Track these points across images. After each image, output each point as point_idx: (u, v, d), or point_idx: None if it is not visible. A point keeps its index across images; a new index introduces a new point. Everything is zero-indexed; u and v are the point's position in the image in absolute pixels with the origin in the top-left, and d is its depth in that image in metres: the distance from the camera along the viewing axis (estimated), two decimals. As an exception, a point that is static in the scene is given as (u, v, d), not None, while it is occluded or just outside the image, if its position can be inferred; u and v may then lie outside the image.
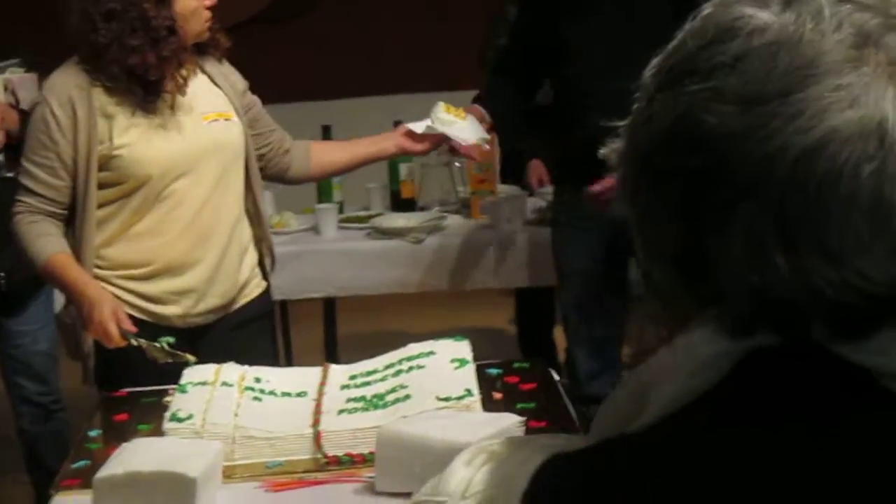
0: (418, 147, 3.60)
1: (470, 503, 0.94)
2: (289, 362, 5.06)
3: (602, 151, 0.96)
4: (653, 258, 0.92)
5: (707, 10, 0.91)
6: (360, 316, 5.75)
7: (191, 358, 3.04)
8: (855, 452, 0.86)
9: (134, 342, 3.07)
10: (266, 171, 3.53)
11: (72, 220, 3.23)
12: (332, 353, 5.06)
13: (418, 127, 3.57)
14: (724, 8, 0.89)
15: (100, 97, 3.16)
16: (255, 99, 3.47)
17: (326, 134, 4.82)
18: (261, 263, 3.46)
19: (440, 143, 3.64)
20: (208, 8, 3.21)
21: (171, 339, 3.09)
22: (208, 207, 3.25)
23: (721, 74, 0.86)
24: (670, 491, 0.86)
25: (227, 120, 3.32)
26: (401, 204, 4.87)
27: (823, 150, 0.82)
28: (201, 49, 3.31)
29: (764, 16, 0.87)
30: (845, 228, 0.82)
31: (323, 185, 4.77)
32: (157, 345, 3.06)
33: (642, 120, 0.91)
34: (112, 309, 3.09)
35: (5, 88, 3.94)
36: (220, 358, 2.94)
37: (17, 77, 3.98)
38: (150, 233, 3.22)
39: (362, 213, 4.83)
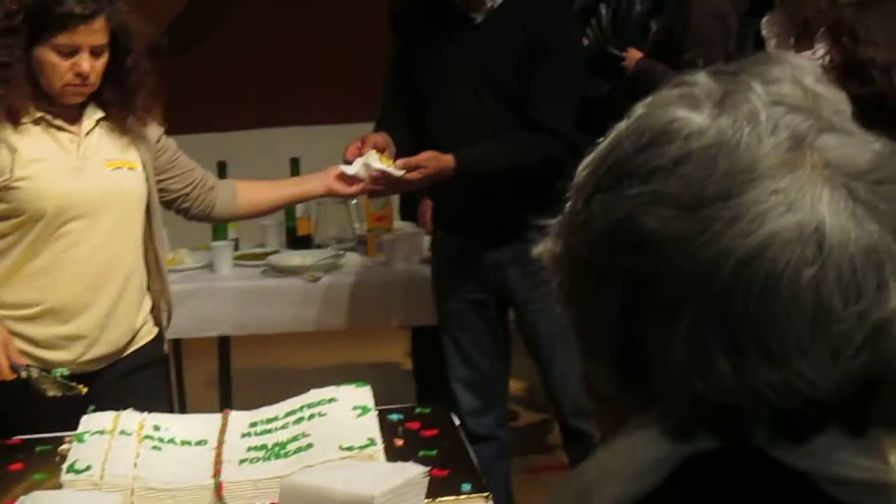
0: (350, 190, 3.61)
1: None
2: (182, 401, 5.01)
3: (535, 251, 0.95)
4: (591, 359, 0.92)
5: (640, 111, 0.92)
6: (254, 350, 5.71)
7: (83, 389, 3.01)
8: None
9: (23, 374, 3.02)
10: (191, 211, 3.53)
11: None
12: (226, 390, 5.01)
13: (350, 169, 3.57)
14: (657, 109, 0.90)
15: (6, 129, 3.15)
16: (170, 143, 3.46)
17: (222, 171, 4.78)
18: (154, 310, 3.43)
19: (372, 188, 3.66)
20: (77, 75, 3.13)
21: (66, 371, 3.07)
22: (103, 253, 3.21)
23: (660, 178, 0.86)
24: None
25: (130, 169, 3.29)
26: (297, 241, 4.84)
27: (764, 254, 0.83)
28: (104, 104, 3.27)
29: (699, 119, 0.88)
30: (787, 332, 0.83)
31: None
32: (50, 375, 3.03)
33: (579, 221, 0.91)
34: (1, 341, 3.06)
35: None
36: (112, 404, 2.90)
37: None
38: (43, 272, 3.18)
39: (258, 251, 4.80)
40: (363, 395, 2.95)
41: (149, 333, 3.40)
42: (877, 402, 0.85)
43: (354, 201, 4.84)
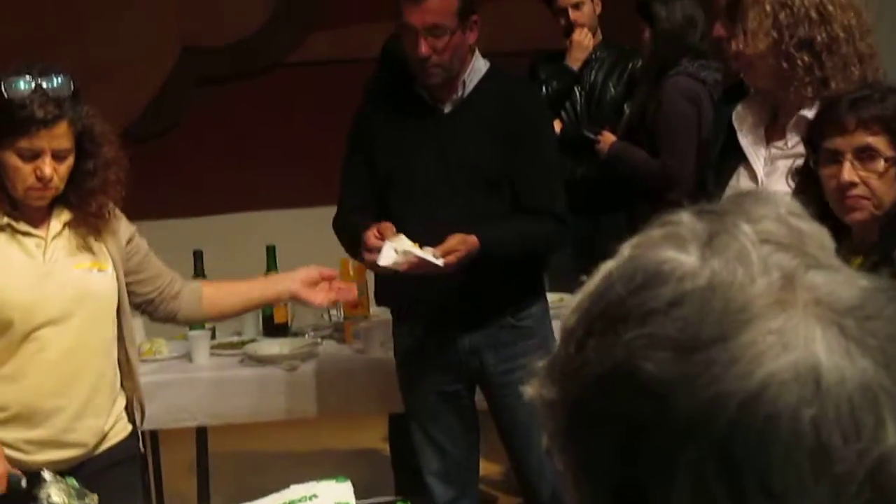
0: (316, 299, 3.55)
1: None
2: (159, 490, 4.95)
3: (527, 394, 0.94)
4: (590, 501, 0.91)
5: (627, 252, 0.92)
6: (231, 436, 5.66)
7: (95, 498, 2.96)
8: None
9: (23, 484, 2.96)
10: (155, 314, 3.51)
11: None
12: (204, 479, 4.96)
13: (384, 259, 3.58)
14: (646, 251, 0.90)
15: None
16: (142, 244, 3.43)
17: (198, 261, 4.77)
18: (127, 407, 3.39)
19: (337, 300, 3.70)
20: (39, 178, 3.07)
21: (74, 481, 2.99)
22: (72, 356, 3.18)
23: (655, 320, 0.86)
24: None
25: (100, 270, 3.25)
26: (274, 329, 4.83)
27: (764, 395, 0.83)
28: (70, 205, 3.22)
29: (689, 260, 0.88)
30: (788, 471, 0.83)
31: (195, 312, 4.72)
32: (64, 485, 2.97)
33: (574, 367, 0.90)
34: None
35: None
36: None
37: None
38: (9, 377, 3.14)
39: (235, 339, 4.78)
40: (344, 490, 2.93)
41: (122, 431, 3.36)
42: None
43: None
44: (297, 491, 2.94)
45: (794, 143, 3.17)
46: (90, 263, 3.24)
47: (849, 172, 2.70)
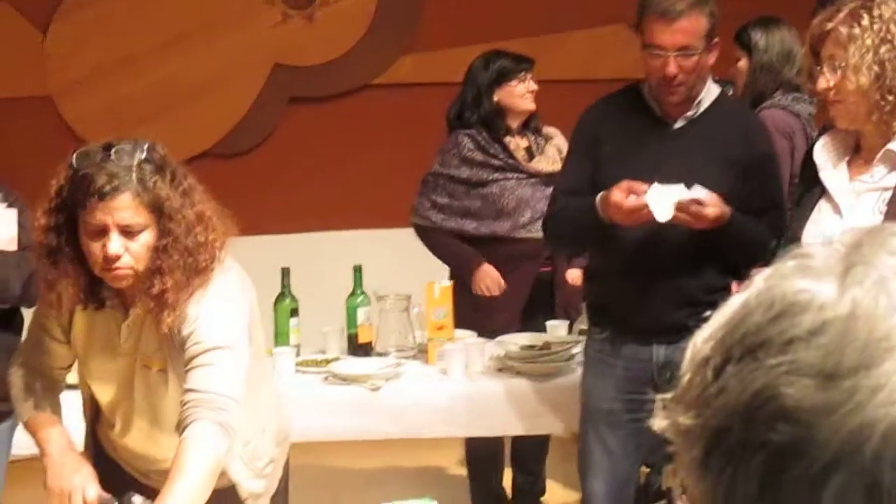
0: None
1: None
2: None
3: (658, 425, 0.93)
4: None
5: (760, 283, 0.91)
6: (305, 451, 5.67)
7: None
8: None
9: None
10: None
11: None
12: (283, 495, 4.97)
13: (661, 214, 3.63)
14: (781, 281, 0.89)
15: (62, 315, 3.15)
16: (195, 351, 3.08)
17: (285, 277, 4.81)
18: None
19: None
20: (107, 258, 2.86)
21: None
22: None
23: (797, 348, 0.85)
24: None
25: (160, 371, 3.07)
26: (358, 348, 4.84)
27: None
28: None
29: (827, 289, 0.87)
30: None
31: (280, 329, 4.73)
32: None
33: (712, 393, 0.89)
34: (83, 477, 3.01)
35: None
36: None
37: None
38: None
39: (319, 357, 4.79)
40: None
41: None
42: None
43: (416, 309, 4.85)
44: (385, 510, 2.94)
45: (880, 175, 3.14)
46: (152, 362, 3.06)
47: None
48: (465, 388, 4.56)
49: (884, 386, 0.82)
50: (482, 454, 5.40)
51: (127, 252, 2.86)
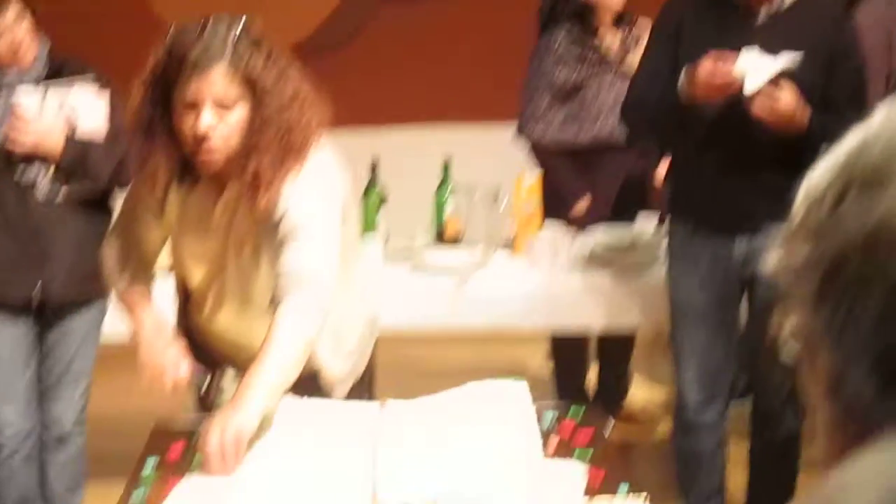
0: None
1: None
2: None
3: (769, 264, 0.94)
4: (845, 366, 0.88)
5: (879, 118, 0.91)
6: (392, 347, 5.71)
7: None
8: None
9: (206, 381, 3.02)
10: None
11: None
12: (369, 383, 5.02)
13: (750, 83, 3.65)
14: None
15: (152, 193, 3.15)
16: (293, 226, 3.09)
17: (374, 171, 4.82)
18: None
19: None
20: (197, 136, 2.83)
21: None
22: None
23: None
24: None
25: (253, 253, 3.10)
26: (446, 240, 4.86)
27: None
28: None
29: None
30: None
31: (369, 219, 4.75)
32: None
33: (831, 224, 0.89)
34: (176, 353, 3.06)
35: (58, 106, 3.94)
36: None
37: (82, 98, 3.96)
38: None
39: (406, 248, 4.81)
40: (520, 390, 2.95)
41: None
42: None
43: (504, 201, 4.85)
44: (472, 388, 2.96)
45: None
46: (247, 239, 3.04)
47: None
48: (552, 280, 4.57)
49: None
50: (567, 350, 5.41)
51: (218, 128, 2.82)
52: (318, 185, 2.94)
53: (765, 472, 4.26)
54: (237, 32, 2.83)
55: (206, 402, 3.17)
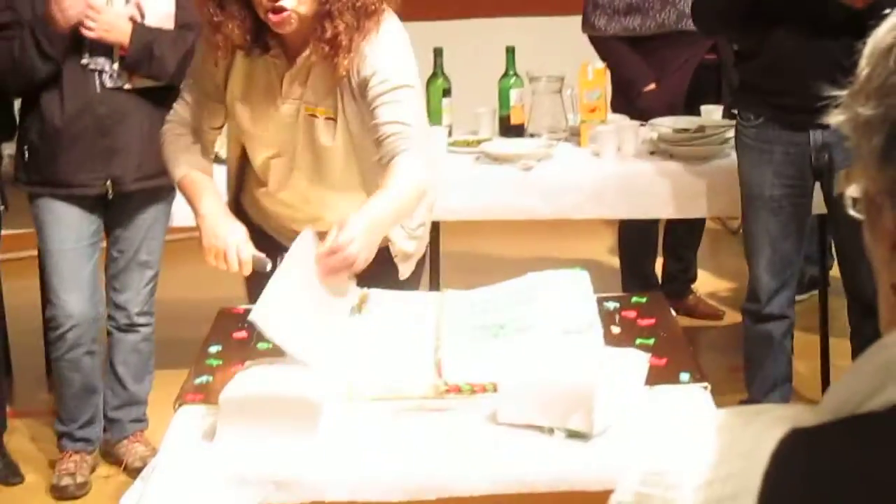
0: None
1: (706, 478, 0.90)
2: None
3: (835, 119, 0.95)
4: None
5: None
6: (458, 238, 5.74)
7: None
8: None
9: (268, 268, 3.01)
10: None
11: None
12: (435, 273, 5.05)
13: None
14: None
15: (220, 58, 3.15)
16: (386, 96, 3.12)
17: (438, 56, 4.79)
18: None
19: None
20: (273, 6, 2.90)
21: None
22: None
23: None
24: None
25: (327, 119, 3.12)
26: (510, 130, 4.83)
27: None
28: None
29: None
30: None
31: (433, 109, 4.72)
32: None
33: (893, 83, 0.88)
34: (241, 237, 3.03)
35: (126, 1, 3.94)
36: None
37: None
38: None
39: (471, 138, 4.80)
40: (581, 280, 2.96)
41: None
42: None
43: (569, 91, 4.81)
44: (534, 277, 2.98)
45: None
46: (319, 109, 3.09)
47: None
48: (617, 169, 4.55)
49: None
50: (634, 240, 5.41)
51: None
52: (400, 48, 3.05)
53: None
54: None
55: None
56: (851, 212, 0.95)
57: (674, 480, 0.92)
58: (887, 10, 0.92)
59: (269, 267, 2.98)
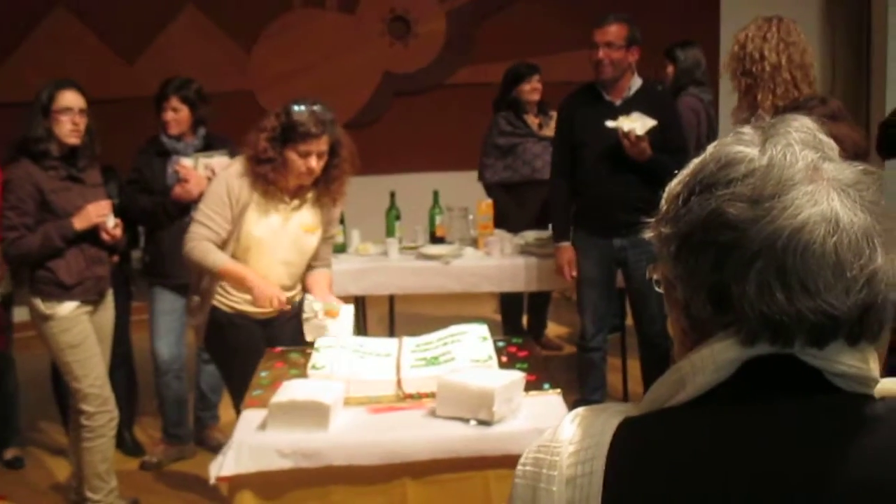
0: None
1: (574, 448, 0.89)
2: (364, 331, 5.02)
3: (646, 234, 0.92)
4: (691, 296, 0.88)
5: (710, 149, 0.90)
6: (407, 304, 5.68)
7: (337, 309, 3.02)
8: (804, 422, 0.85)
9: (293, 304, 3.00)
10: None
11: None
12: (392, 324, 5.03)
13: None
14: (724, 147, 0.89)
15: (255, 195, 3.07)
16: (333, 230, 3.33)
17: (392, 197, 4.78)
18: None
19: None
20: (308, 169, 2.98)
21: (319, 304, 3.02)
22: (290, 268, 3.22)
23: (735, 185, 0.85)
24: (700, 449, 0.85)
25: (313, 233, 3.18)
26: (436, 239, 4.81)
27: (804, 228, 0.82)
28: (317, 188, 3.11)
29: (753, 151, 0.86)
30: (819, 276, 0.82)
31: (389, 226, 4.73)
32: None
33: (682, 213, 0.88)
34: (275, 289, 3.04)
35: (204, 167, 3.83)
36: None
37: (216, 161, 3.84)
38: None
39: (412, 244, 4.78)
40: (483, 330, 2.95)
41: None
42: (867, 322, 0.84)
43: (471, 216, 4.82)
44: (455, 329, 2.96)
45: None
46: (311, 227, 3.16)
47: None
48: (501, 262, 4.54)
49: (789, 206, 0.82)
50: (511, 304, 5.39)
51: (316, 167, 3.00)
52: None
53: (649, 375, 4.21)
54: (330, 116, 2.99)
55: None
56: (656, 288, 0.92)
57: (556, 449, 0.90)
58: (676, 171, 0.93)
59: (298, 304, 3.00)
